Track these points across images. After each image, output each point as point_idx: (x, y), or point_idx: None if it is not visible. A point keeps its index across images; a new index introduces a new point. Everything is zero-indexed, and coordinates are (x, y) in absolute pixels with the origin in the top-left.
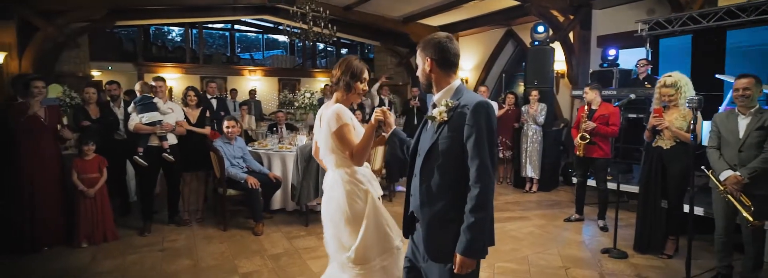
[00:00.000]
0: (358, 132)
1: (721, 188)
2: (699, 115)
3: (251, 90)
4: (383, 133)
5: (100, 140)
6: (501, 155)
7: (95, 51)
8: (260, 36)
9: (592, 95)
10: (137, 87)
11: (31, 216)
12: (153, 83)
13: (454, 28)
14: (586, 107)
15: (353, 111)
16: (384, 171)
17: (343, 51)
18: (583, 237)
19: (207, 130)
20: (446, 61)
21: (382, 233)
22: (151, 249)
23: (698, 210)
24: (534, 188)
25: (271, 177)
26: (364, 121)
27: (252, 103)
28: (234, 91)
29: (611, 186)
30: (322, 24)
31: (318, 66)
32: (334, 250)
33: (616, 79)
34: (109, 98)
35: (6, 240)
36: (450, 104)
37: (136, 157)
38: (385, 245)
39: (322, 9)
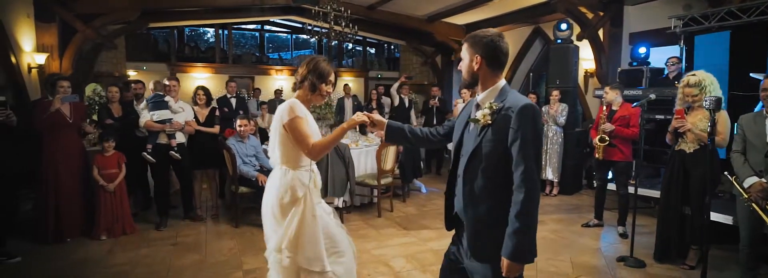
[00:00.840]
0: (313, 128)
1: (746, 196)
2: (718, 116)
3: (276, 89)
4: (371, 132)
5: (119, 137)
6: None
7: (131, 52)
8: (290, 36)
9: (612, 95)
10: (151, 85)
11: (56, 209)
12: (166, 82)
13: (479, 26)
14: (605, 108)
15: (370, 110)
16: (397, 171)
17: (371, 50)
18: (600, 244)
19: (216, 129)
20: (496, 61)
21: (313, 239)
22: (164, 243)
23: (726, 219)
24: (554, 191)
25: None
26: None
27: (276, 102)
28: (257, 91)
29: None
30: (343, 23)
31: (344, 65)
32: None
33: (647, 78)
34: (133, 97)
35: (33, 231)
36: (494, 107)
37: (145, 153)
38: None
39: (343, 8)
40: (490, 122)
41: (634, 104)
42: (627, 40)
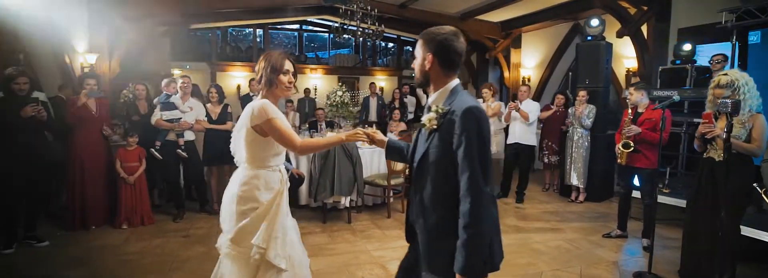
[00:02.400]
0: (286, 124)
1: None
2: (754, 120)
3: (306, 88)
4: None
5: (143, 133)
6: (546, 160)
7: (176, 52)
8: (328, 35)
9: (636, 96)
10: (163, 83)
11: (81, 198)
12: (180, 80)
13: (515, 23)
14: (630, 110)
15: (392, 109)
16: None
17: (407, 48)
18: (620, 257)
19: (228, 126)
20: (448, 60)
21: (284, 235)
22: (176, 235)
23: (763, 235)
24: (581, 197)
25: (294, 173)
26: (401, 120)
27: (306, 101)
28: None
29: (661, 199)
30: (370, 21)
31: (378, 64)
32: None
33: (692, 78)
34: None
35: (62, 218)
36: (441, 110)
37: (153, 150)
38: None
39: (370, 7)
40: (436, 126)
41: (655, 106)
42: (675, 36)
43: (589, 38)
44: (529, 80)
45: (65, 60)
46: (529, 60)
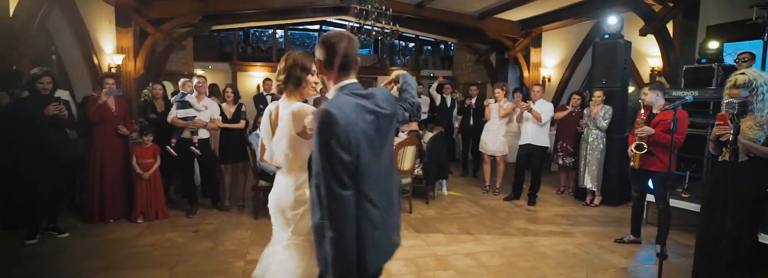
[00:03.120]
0: None
1: None
2: (754, 122)
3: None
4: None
5: (159, 131)
6: (560, 162)
7: (198, 52)
8: None
9: (651, 96)
10: (180, 83)
11: (100, 192)
12: (195, 80)
13: (535, 22)
14: (643, 111)
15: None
16: (420, 172)
17: (428, 48)
18: (630, 264)
19: (242, 124)
20: (329, 63)
21: None
22: (187, 230)
23: None
24: (596, 201)
25: None
26: (413, 119)
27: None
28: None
29: (679, 204)
30: (384, 21)
31: (397, 64)
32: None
33: (718, 77)
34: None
35: (82, 210)
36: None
37: (168, 147)
38: None
39: (384, 7)
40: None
41: (665, 107)
42: (704, 34)
43: (606, 36)
44: (549, 80)
45: (94, 60)
46: (549, 59)
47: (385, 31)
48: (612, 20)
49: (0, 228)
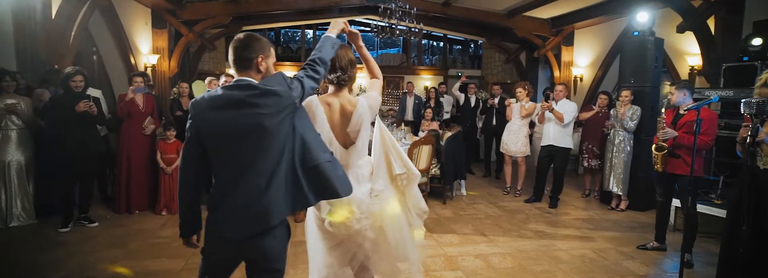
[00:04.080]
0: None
1: None
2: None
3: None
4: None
5: (181, 127)
6: (585, 164)
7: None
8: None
9: (678, 96)
10: (206, 81)
11: (127, 186)
12: (223, 79)
13: (566, 19)
14: (663, 111)
15: (426, 107)
16: (437, 172)
17: (458, 47)
18: (651, 272)
19: None
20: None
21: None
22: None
23: None
24: (622, 205)
25: None
26: (434, 119)
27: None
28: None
29: (711, 210)
30: (408, 20)
31: (425, 63)
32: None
33: None
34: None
35: (111, 202)
36: None
37: None
38: None
39: (408, 5)
40: None
41: (688, 107)
42: (751, 30)
43: (635, 33)
44: (581, 80)
45: (131, 60)
46: (581, 58)
47: (412, 29)
48: (641, 16)
49: (37, 217)
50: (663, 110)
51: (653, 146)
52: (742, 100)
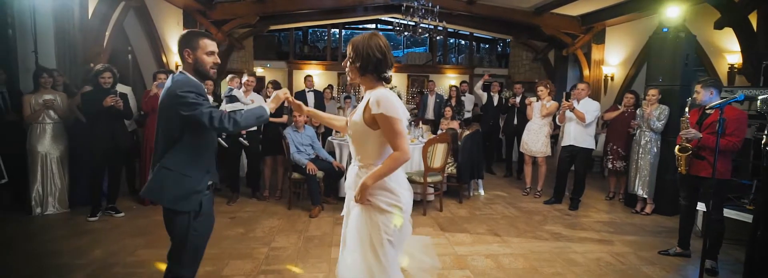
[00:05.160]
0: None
1: None
2: None
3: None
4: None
5: None
6: (610, 165)
7: (258, 51)
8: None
9: (704, 95)
10: (228, 79)
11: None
12: (245, 77)
13: (597, 17)
14: (687, 110)
15: (443, 106)
16: (454, 171)
17: (485, 46)
18: None
19: (284, 119)
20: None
21: None
22: (225, 216)
23: None
24: (647, 209)
25: (334, 165)
26: (455, 118)
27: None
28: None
29: (742, 216)
30: (430, 18)
31: (449, 62)
32: None
33: None
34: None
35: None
36: None
37: (220, 139)
38: None
39: (430, 4)
40: None
41: (711, 106)
42: None
43: (664, 30)
44: (612, 79)
45: (163, 59)
46: (613, 57)
47: (432, 27)
48: (672, 12)
49: (70, 206)
50: (687, 110)
51: (676, 147)
52: (760, 97)
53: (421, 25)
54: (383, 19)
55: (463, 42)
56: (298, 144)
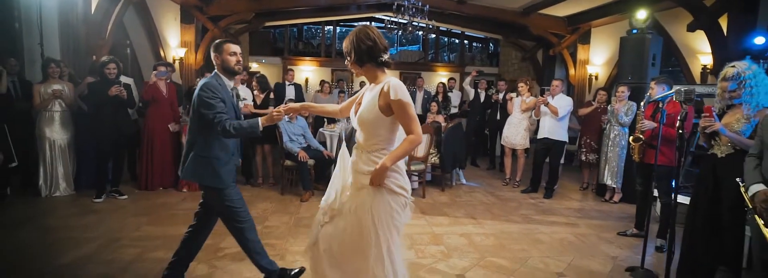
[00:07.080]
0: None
1: (750, 206)
2: (741, 115)
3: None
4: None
5: None
6: (583, 158)
7: (253, 47)
8: (397, 32)
9: (657, 91)
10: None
11: (151, 164)
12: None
13: (582, 17)
14: (642, 104)
15: (430, 101)
16: (436, 160)
17: (477, 45)
18: (624, 254)
19: (269, 110)
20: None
21: None
22: None
23: None
24: (615, 198)
25: (325, 155)
26: (440, 113)
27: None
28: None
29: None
30: (421, 16)
31: (442, 60)
32: None
33: None
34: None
35: (136, 179)
36: None
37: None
38: None
39: (420, 3)
40: None
41: (653, 99)
42: (766, 29)
43: (634, 31)
44: (596, 78)
45: (161, 53)
46: (597, 57)
47: (423, 26)
48: (640, 14)
49: (76, 189)
50: (643, 104)
51: (630, 137)
52: (675, 88)
53: (413, 23)
54: (377, 17)
55: (456, 40)
56: (291, 133)
